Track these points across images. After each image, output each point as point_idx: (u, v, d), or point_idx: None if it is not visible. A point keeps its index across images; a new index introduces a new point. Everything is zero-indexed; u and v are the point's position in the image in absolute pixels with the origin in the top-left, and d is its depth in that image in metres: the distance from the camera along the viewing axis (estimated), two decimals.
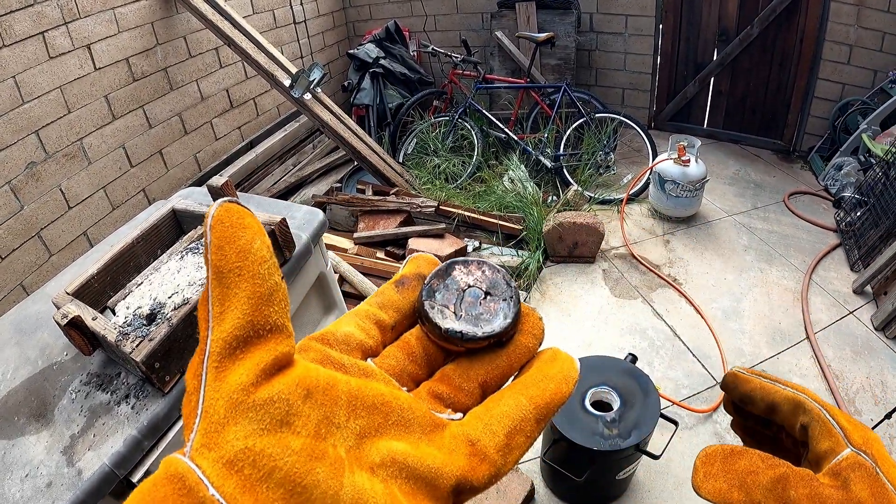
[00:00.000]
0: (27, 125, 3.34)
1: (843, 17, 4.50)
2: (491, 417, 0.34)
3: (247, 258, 0.31)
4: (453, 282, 0.40)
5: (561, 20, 5.20)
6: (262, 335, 0.30)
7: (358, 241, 4.00)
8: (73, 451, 1.16)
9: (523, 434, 0.34)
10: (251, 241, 0.31)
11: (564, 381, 0.37)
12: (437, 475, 0.31)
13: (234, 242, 0.31)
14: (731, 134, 5.56)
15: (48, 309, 1.47)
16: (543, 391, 0.36)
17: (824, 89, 4.86)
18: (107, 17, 3.76)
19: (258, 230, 0.32)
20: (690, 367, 3.11)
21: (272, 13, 5.34)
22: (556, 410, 0.36)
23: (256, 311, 0.30)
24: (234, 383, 0.28)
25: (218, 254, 0.30)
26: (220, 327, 0.30)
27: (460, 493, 0.32)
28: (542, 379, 0.36)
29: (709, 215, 4.41)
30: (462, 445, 0.33)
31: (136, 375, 1.27)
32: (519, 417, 0.34)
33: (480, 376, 0.37)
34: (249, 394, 0.28)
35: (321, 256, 1.84)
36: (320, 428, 0.30)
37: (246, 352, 0.30)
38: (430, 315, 0.38)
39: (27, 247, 3.40)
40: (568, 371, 0.37)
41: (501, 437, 0.33)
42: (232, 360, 0.29)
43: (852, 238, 3.86)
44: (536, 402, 0.35)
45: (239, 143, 5.12)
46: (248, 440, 0.27)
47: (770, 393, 0.44)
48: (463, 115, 5.00)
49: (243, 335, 0.30)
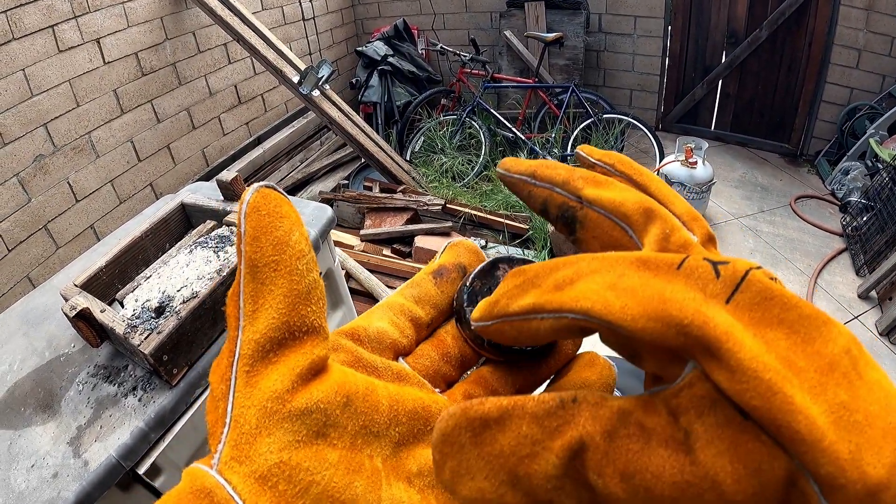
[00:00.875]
0: (36, 118, 3.35)
1: (852, 21, 4.49)
2: None
3: (284, 251, 0.28)
4: (497, 284, 0.34)
5: (570, 20, 5.20)
6: (298, 337, 0.28)
7: (364, 238, 4.00)
8: (79, 442, 1.17)
9: None
10: (289, 232, 0.28)
11: (603, 388, 0.34)
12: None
13: (272, 233, 0.28)
14: (738, 136, 5.55)
15: (55, 301, 1.48)
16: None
17: (832, 93, 4.85)
18: (116, 11, 3.77)
19: (297, 220, 0.29)
20: None
21: (281, 9, 5.34)
22: None
23: (293, 311, 0.27)
24: (267, 390, 0.26)
25: (253, 245, 0.27)
26: (253, 327, 0.27)
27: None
28: (581, 387, 0.33)
29: (715, 218, 4.41)
30: None
31: (144, 368, 1.27)
32: None
33: (518, 382, 0.34)
34: (285, 402, 0.26)
35: (329, 253, 1.84)
36: (357, 438, 0.28)
37: (280, 355, 0.27)
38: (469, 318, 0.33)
39: (34, 239, 3.41)
40: (606, 378, 0.34)
41: None
42: (265, 364, 0.27)
43: (858, 243, 3.85)
44: None
45: (246, 138, 5.13)
46: (282, 453, 0.25)
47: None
48: (471, 114, 5.00)
49: (278, 337, 0.27)
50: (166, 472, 1.25)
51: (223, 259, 1.39)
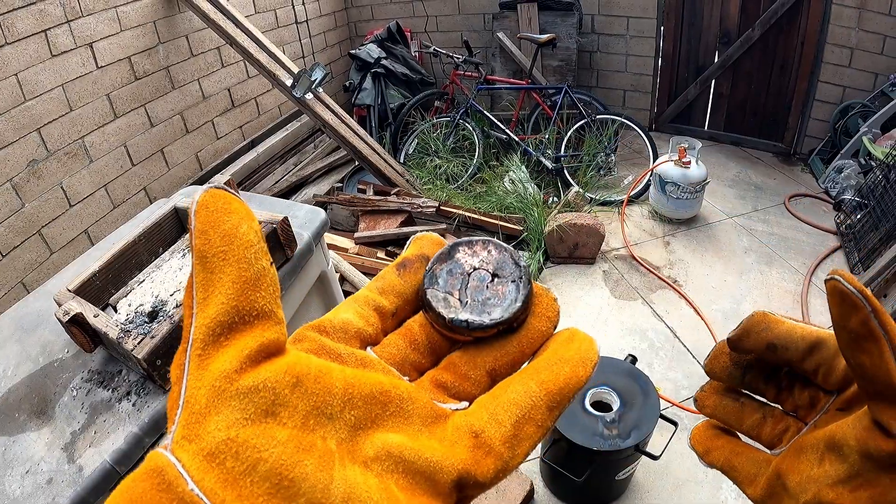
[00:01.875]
0: (29, 123, 3.34)
1: (845, 20, 4.50)
2: (497, 406, 0.31)
3: (232, 242, 0.29)
4: (457, 265, 0.37)
5: (562, 22, 5.20)
6: (248, 321, 0.29)
7: (359, 241, 4.00)
8: (73, 447, 1.16)
9: (533, 423, 0.31)
10: (237, 225, 0.30)
11: (581, 363, 0.33)
12: (437, 469, 0.29)
13: (219, 227, 0.29)
14: (731, 136, 5.57)
15: (49, 306, 1.47)
16: (556, 375, 0.32)
17: (825, 92, 4.87)
18: (109, 15, 3.77)
19: (245, 214, 0.30)
20: (690, 368, 3.11)
21: (274, 13, 5.34)
22: (572, 396, 0.32)
23: (242, 296, 0.29)
24: (216, 371, 0.27)
25: (201, 238, 0.29)
26: (204, 314, 0.28)
27: (464, 488, 0.29)
28: (556, 362, 0.33)
29: (709, 217, 4.42)
30: (465, 437, 0.30)
31: (138, 373, 1.27)
32: (528, 405, 0.31)
33: (489, 363, 0.34)
34: (233, 381, 0.27)
35: (323, 256, 1.84)
36: (308, 419, 0.28)
37: (230, 338, 0.28)
38: (433, 304, 0.35)
39: (28, 244, 3.40)
40: (586, 352, 0.33)
41: (508, 428, 0.30)
42: (216, 348, 0.28)
43: (852, 241, 3.86)
44: (548, 388, 0.31)
45: (240, 142, 5.13)
46: (230, 430, 0.26)
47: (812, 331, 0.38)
48: (464, 116, 5.01)
49: (227, 321, 0.28)
50: None
51: None
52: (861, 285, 0.31)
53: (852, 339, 0.32)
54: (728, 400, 0.44)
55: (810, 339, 0.38)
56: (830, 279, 0.32)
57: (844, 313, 0.32)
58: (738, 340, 0.41)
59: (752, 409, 0.43)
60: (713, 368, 0.44)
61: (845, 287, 0.31)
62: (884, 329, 0.31)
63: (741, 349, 0.41)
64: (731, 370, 0.44)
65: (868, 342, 0.31)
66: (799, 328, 0.39)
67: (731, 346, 0.42)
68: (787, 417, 0.42)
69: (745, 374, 0.43)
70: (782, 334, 0.39)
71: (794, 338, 0.38)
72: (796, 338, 0.38)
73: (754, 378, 0.43)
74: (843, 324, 0.32)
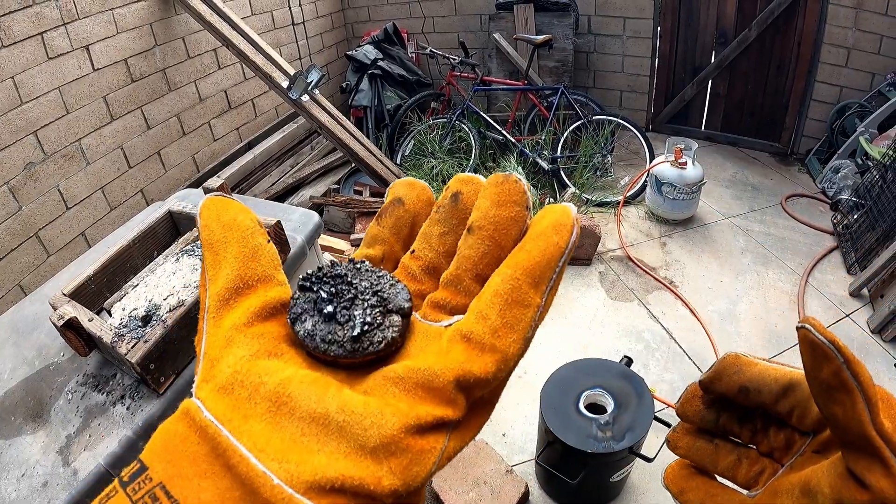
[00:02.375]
0: (26, 126, 3.34)
1: (841, 19, 4.51)
2: (481, 303, 0.32)
3: (231, 229, 0.35)
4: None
5: (559, 22, 5.21)
6: (252, 285, 0.34)
7: (355, 243, 4.00)
8: (68, 451, 1.17)
9: (520, 305, 0.31)
10: (234, 216, 0.35)
11: (555, 229, 0.32)
12: (432, 376, 0.29)
13: (220, 219, 0.35)
14: (728, 136, 5.57)
15: (45, 310, 1.48)
16: (531, 251, 0.32)
17: (822, 92, 4.87)
18: (105, 17, 3.77)
19: (241, 208, 0.36)
20: (686, 369, 3.12)
21: (270, 14, 5.34)
22: (555, 266, 0.32)
23: (243, 267, 0.34)
24: (227, 325, 0.32)
25: (206, 230, 0.35)
26: (214, 286, 0.33)
27: (469, 388, 0.30)
28: (529, 240, 0.33)
29: (706, 218, 4.42)
30: (457, 343, 0.31)
31: (132, 377, 1.28)
32: (508, 289, 0.31)
33: (473, 270, 0.34)
34: (241, 331, 0.32)
35: (316, 258, 1.85)
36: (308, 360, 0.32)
37: (238, 300, 0.33)
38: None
39: (25, 247, 3.40)
40: (557, 218, 0.33)
41: (495, 318, 0.31)
42: (227, 309, 0.33)
43: (849, 241, 3.87)
44: (524, 265, 0.31)
45: (237, 144, 5.13)
46: (237, 365, 0.30)
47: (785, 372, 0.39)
48: (461, 117, 5.01)
49: (233, 286, 0.33)
50: None
51: None
52: (832, 335, 0.32)
53: (824, 390, 0.33)
54: (702, 441, 0.45)
55: (783, 382, 0.39)
56: (802, 328, 0.33)
57: (816, 364, 0.33)
58: (710, 383, 0.42)
59: (726, 451, 0.44)
60: (686, 412, 0.45)
61: (816, 338, 0.32)
62: (857, 380, 0.32)
63: (713, 392, 0.42)
64: (703, 413, 0.44)
65: (840, 393, 0.32)
66: (772, 370, 0.40)
67: (703, 388, 0.43)
68: (762, 459, 0.42)
69: (718, 416, 0.44)
70: (755, 377, 0.40)
71: (766, 380, 0.39)
72: (769, 380, 0.39)
73: (728, 420, 0.44)
74: (814, 374, 0.34)
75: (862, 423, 0.32)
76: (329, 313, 0.33)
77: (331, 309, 0.33)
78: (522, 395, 2.96)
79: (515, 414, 2.91)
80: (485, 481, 2.32)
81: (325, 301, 0.33)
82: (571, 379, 2.27)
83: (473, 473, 2.34)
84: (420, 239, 0.38)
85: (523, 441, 2.79)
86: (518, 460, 2.69)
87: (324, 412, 0.28)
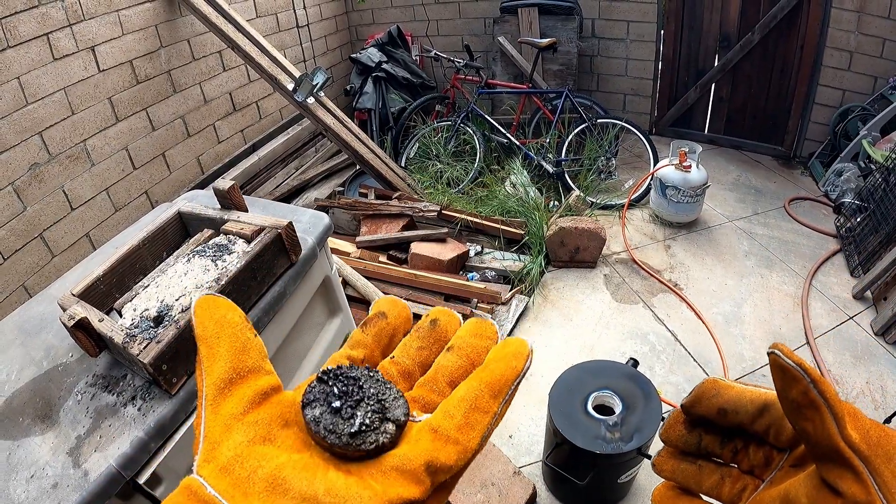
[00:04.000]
0: (31, 126, 3.35)
1: (844, 23, 4.51)
2: (449, 404, 0.39)
3: (223, 326, 0.41)
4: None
5: (563, 26, 5.21)
6: (244, 375, 0.39)
7: (361, 245, 4.00)
8: (78, 452, 1.16)
9: (480, 410, 0.39)
10: (225, 313, 0.42)
11: (514, 356, 0.41)
12: (406, 460, 0.36)
13: (212, 316, 0.41)
14: (732, 140, 5.57)
15: (52, 310, 1.47)
16: (493, 370, 0.40)
17: (825, 95, 4.87)
18: (111, 19, 3.77)
19: (231, 306, 0.43)
20: (692, 371, 3.12)
21: (275, 17, 5.35)
22: (512, 384, 0.40)
23: (235, 359, 0.40)
24: (225, 413, 0.37)
25: (200, 326, 0.41)
26: (210, 377, 0.39)
27: (436, 472, 0.37)
28: (493, 361, 0.41)
29: (709, 221, 4.42)
30: (426, 434, 0.38)
31: (143, 377, 1.27)
32: (473, 397, 0.39)
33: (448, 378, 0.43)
34: (238, 419, 0.37)
35: (326, 260, 1.84)
36: (297, 443, 0.38)
37: (232, 390, 0.39)
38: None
39: (30, 248, 3.40)
40: (516, 349, 0.42)
41: (460, 418, 0.38)
42: (223, 397, 0.38)
43: (852, 243, 3.87)
44: (488, 380, 0.40)
45: (242, 146, 5.13)
46: (237, 449, 0.35)
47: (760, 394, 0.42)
48: (465, 120, 5.01)
49: (228, 377, 0.39)
50: (167, 481, 1.25)
51: (221, 268, 1.39)
52: (799, 359, 0.36)
53: (795, 408, 0.37)
54: (686, 464, 0.48)
55: (759, 403, 0.42)
56: (771, 353, 0.37)
57: (786, 385, 0.37)
58: (691, 406, 0.45)
59: (710, 471, 0.47)
60: (669, 437, 0.48)
61: (785, 361, 0.36)
62: (823, 397, 0.35)
63: (694, 415, 0.46)
64: (686, 437, 0.47)
65: (810, 410, 0.36)
66: (748, 392, 0.43)
67: (685, 411, 0.46)
68: (744, 476, 0.45)
69: (700, 439, 0.47)
70: (732, 399, 0.43)
71: (743, 402, 0.42)
72: (745, 402, 0.42)
73: (710, 442, 0.46)
74: (785, 394, 0.37)
75: (831, 436, 0.35)
76: (336, 408, 0.38)
77: (338, 404, 0.38)
78: (529, 398, 2.95)
79: (522, 416, 2.91)
80: (492, 483, 2.31)
81: (335, 396, 0.39)
82: (579, 381, 2.27)
83: (481, 475, 2.34)
84: (400, 348, 0.46)
85: (530, 443, 2.78)
86: (525, 462, 2.69)
87: (313, 494, 0.33)
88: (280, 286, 1.53)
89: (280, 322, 1.60)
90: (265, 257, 1.45)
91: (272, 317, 1.52)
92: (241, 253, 1.43)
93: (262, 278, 1.46)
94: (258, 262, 1.43)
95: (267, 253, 1.45)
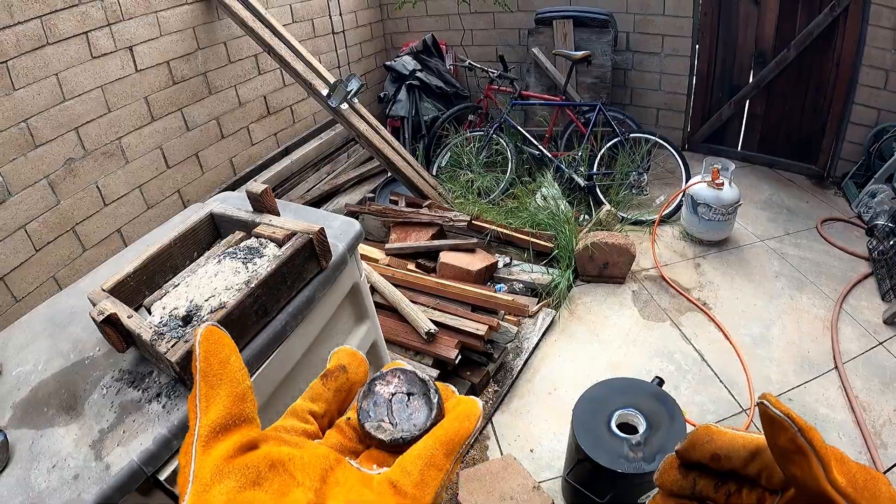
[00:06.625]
0: (67, 122, 3.40)
1: (880, 41, 4.44)
2: (406, 462, 0.44)
3: (225, 368, 0.44)
4: (379, 397, 0.50)
5: (598, 39, 5.20)
6: (238, 424, 0.43)
7: (390, 252, 4.01)
8: (101, 445, 1.17)
9: (435, 467, 0.44)
10: (229, 355, 0.45)
11: (466, 417, 0.47)
12: None
13: (217, 355, 0.44)
14: (765, 157, 5.50)
15: (82, 303, 1.48)
16: (447, 431, 0.46)
17: (860, 114, 4.80)
18: (149, 20, 3.82)
19: (233, 347, 0.46)
20: (717, 392, 3.08)
21: (311, 22, 5.39)
22: (463, 442, 0.46)
23: (234, 406, 0.43)
24: (217, 456, 0.40)
25: (205, 362, 0.43)
26: (207, 417, 0.42)
27: None
28: (446, 421, 0.47)
29: (740, 240, 4.38)
30: (387, 488, 0.43)
31: (169, 375, 1.28)
32: (428, 455, 0.44)
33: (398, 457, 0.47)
34: (229, 463, 0.40)
35: (356, 267, 1.84)
36: (283, 487, 0.41)
37: (226, 435, 0.42)
38: (374, 433, 0.48)
39: (61, 241, 3.45)
40: (467, 410, 0.48)
41: (416, 475, 0.43)
42: (216, 441, 0.41)
43: (884, 267, 3.80)
44: (441, 440, 0.45)
45: (274, 149, 5.17)
46: (229, 494, 0.38)
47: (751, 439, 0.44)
48: (498, 131, 5.01)
49: (224, 423, 0.42)
50: None
51: (251, 271, 1.39)
52: (787, 408, 0.38)
53: (783, 455, 0.39)
54: None
55: (751, 447, 0.43)
56: (760, 403, 0.39)
57: (774, 433, 0.39)
58: (686, 452, 0.46)
59: None
60: (664, 482, 0.49)
61: (772, 411, 0.38)
62: (810, 444, 0.37)
63: (689, 460, 0.47)
64: (681, 482, 0.48)
65: (797, 456, 0.38)
66: (740, 437, 0.44)
67: (680, 457, 0.47)
68: None
69: (695, 483, 0.47)
70: (725, 444, 0.44)
71: (735, 447, 0.44)
72: (738, 447, 0.44)
73: (705, 486, 0.47)
74: (774, 441, 0.39)
75: (818, 480, 0.37)
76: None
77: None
78: (551, 412, 2.94)
79: (544, 430, 2.89)
80: (511, 496, 2.30)
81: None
82: (604, 398, 2.25)
83: (500, 488, 2.32)
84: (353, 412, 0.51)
85: (551, 458, 2.76)
86: (545, 477, 2.67)
87: None
88: (309, 291, 1.53)
89: (307, 326, 1.60)
90: (296, 262, 1.45)
91: (300, 321, 1.52)
92: (271, 256, 1.43)
93: (291, 282, 1.46)
94: (289, 266, 1.43)
95: (298, 257, 1.45)
